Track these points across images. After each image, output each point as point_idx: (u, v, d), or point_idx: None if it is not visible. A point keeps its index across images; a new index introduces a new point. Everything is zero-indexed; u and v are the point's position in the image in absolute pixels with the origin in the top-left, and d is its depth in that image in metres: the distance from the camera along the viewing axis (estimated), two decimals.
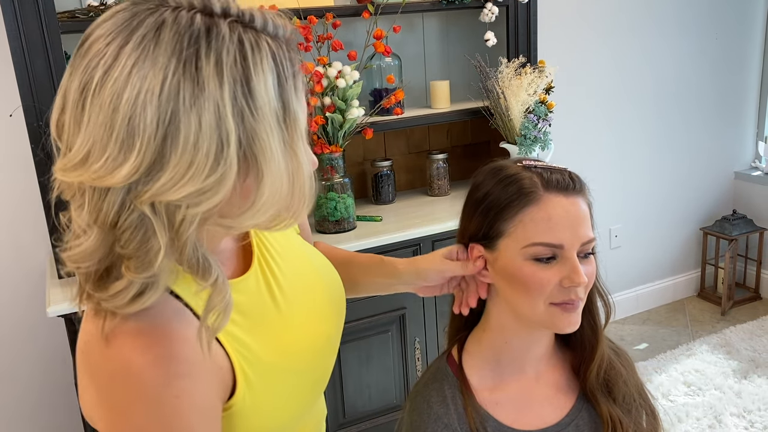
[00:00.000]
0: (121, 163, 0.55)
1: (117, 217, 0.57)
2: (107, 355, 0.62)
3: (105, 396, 0.62)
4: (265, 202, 0.60)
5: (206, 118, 0.55)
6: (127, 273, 0.58)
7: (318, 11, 2.02)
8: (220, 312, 0.61)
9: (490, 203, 0.85)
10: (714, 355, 2.81)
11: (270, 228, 0.66)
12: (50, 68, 1.68)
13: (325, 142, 2.03)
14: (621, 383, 0.91)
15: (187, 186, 0.55)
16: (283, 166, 0.60)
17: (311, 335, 0.82)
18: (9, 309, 2.09)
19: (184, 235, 0.58)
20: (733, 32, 3.19)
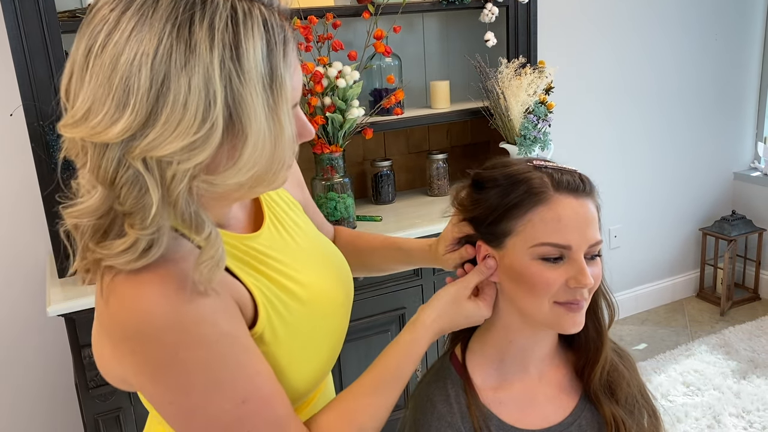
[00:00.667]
0: (117, 120, 0.59)
1: (115, 173, 0.61)
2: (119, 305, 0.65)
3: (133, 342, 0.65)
4: (247, 162, 0.63)
5: (195, 80, 0.59)
6: (131, 231, 0.62)
7: (318, 11, 2.02)
8: (212, 265, 0.65)
9: (499, 200, 0.85)
10: (713, 356, 2.82)
11: (254, 190, 0.69)
12: (50, 67, 1.68)
13: (325, 141, 2.04)
14: (624, 384, 0.92)
15: (176, 142, 0.59)
16: (265, 129, 0.63)
17: (329, 291, 0.87)
18: (8, 308, 2.09)
19: (176, 190, 0.62)
20: (732, 33, 3.20)
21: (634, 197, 3.13)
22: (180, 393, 0.68)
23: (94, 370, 1.69)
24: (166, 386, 0.68)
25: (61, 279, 1.79)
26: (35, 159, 1.71)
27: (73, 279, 1.78)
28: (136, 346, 0.66)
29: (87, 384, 1.70)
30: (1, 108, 1.93)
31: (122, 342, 0.67)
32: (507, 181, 0.85)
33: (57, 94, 1.72)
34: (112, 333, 0.68)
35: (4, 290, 2.07)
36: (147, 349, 0.66)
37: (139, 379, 0.69)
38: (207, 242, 0.65)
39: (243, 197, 0.77)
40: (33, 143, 1.70)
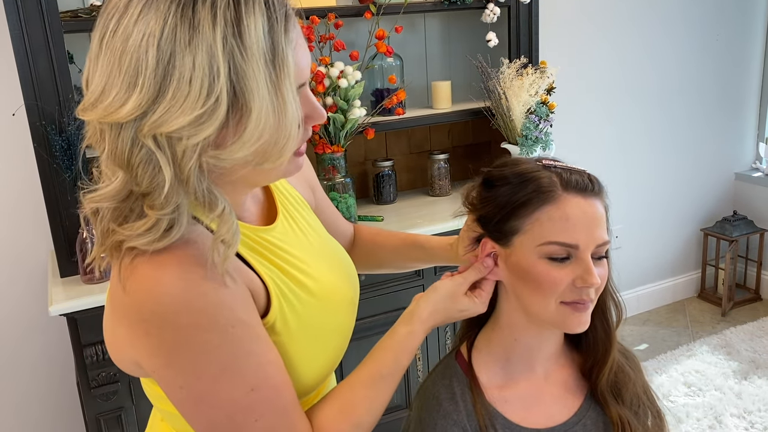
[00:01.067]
0: (127, 99, 0.62)
1: (130, 154, 0.64)
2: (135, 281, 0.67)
3: (149, 324, 0.67)
4: (251, 135, 0.65)
5: (200, 57, 0.61)
6: (151, 212, 0.65)
7: (320, 11, 2.02)
8: (227, 240, 0.68)
9: (507, 198, 0.85)
10: (714, 356, 2.81)
11: (262, 169, 0.70)
12: (53, 68, 1.68)
13: (327, 142, 2.04)
14: (630, 385, 0.92)
15: (183, 117, 0.62)
16: (268, 103, 0.64)
17: (339, 287, 0.88)
18: (10, 308, 2.09)
19: (186, 166, 0.64)
20: (734, 33, 3.20)
21: (636, 197, 3.13)
22: (191, 376, 0.69)
23: (96, 369, 1.69)
24: (178, 369, 0.69)
25: (63, 278, 1.79)
26: (37, 159, 1.71)
27: (75, 279, 1.79)
28: (151, 327, 0.67)
29: (89, 383, 1.70)
30: (4, 108, 1.93)
31: (138, 323, 0.68)
32: (516, 179, 0.85)
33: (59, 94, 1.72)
34: (128, 314, 0.69)
35: (7, 290, 2.07)
36: (162, 330, 0.67)
37: (152, 361, 0.70)
38: (221, 219, 0.68)
39: (254, 181, 0.77)
40: (35, 143, 1.70)
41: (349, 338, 0.92)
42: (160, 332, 0.67)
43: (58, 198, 1.75)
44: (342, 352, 0.90)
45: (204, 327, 0.67)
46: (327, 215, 1.07)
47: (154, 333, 0.67)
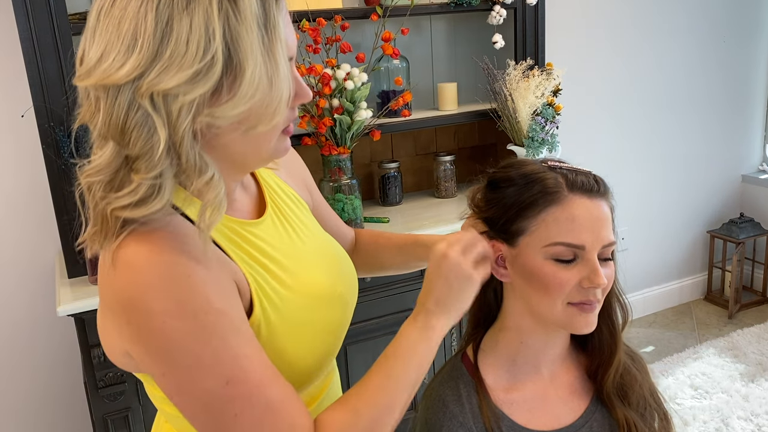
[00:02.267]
0: (126, 60, 0.65)
1: (126, 117, 0.66)
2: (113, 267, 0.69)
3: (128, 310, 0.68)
4: (245, 93, 0.68)
5: (196, 20, 0.65)
6: (136, 176, 0.67)
7: (327, 13, 2.03)
8: (214, 207, 0.70)
9: (513, 199, 0.85)
10: (721, 359, 2.81)
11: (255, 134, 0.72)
12: (61, 69, 1.69)
13: (333, 143, 2.04)
14: (636, 387, 0.92)
15: (180, 74, 0.65)
16: (261, 63, 0.68)
17: (325, 284, 0.87)
18: (18, 308, 2.10)
19: (181, 127, 0.66)
20: (741, 35, 3.19)
21: (642, 199, 3.13)
22: (169, 365, 0.69)
23: (103, 369, 1.70)
24: (156, 357, 0.69)
25: (71, 279, 1.80)
26: (45, 159, 1.72)
27: (83, 279, 1.80)
28: (131, 315, 0.68)
29: (96, 384, 1.71)
30: (13, 109, 1.94)
31: (120, 312, 0.69)
32: (521, 180, 0.85)
33: (68, 95, 1.73)
34: (112, 304, 0.70)
35: (15, 290, 2.09)
36: (139, 317, 0.68)
37: (135, 349, 0.71)
38: (209, 185, 0.70)
39: (244, 160, 0.78)
40: (43, 144, 1.71)
41: (341, 334, 0.91)
42: (137, 319, 0.68)
43: (66, 199, 1.76)
44: (334, 348, 0.89)
45: (176, 313, 0.68)
46: (326, 219, 1.07)
47: (134, 320, 0.68)
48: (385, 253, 1.10)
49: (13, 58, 1.90)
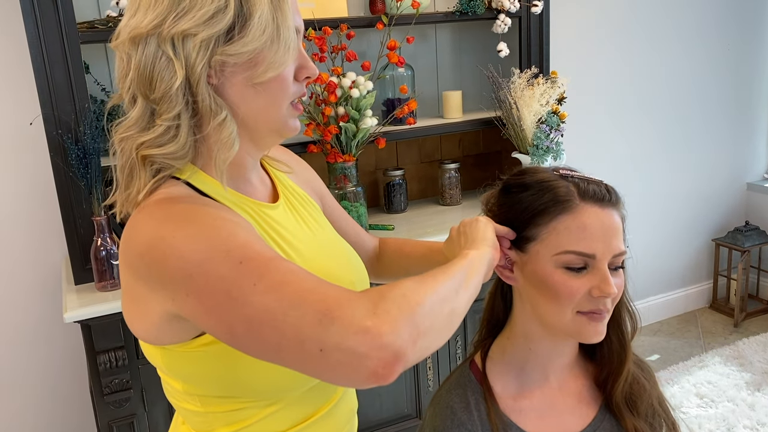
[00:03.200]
0: (148, 14, 0.75)
1: (152, 67, 0.76)
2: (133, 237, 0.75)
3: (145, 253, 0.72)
4: (255, 32, 0.76)
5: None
6: (159, 119, 0.77)
7: (333, 22, 2.04)
8: (227, 144, 0.78)
9: (524, 205, 0.86)
10: (727, 367, 2.79)
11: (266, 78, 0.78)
12: (70, 78, 1.70)
13: (339, 151, 2.05)
14: (645, 396, 0.92)
15: (196, 16, 0.74)
16: (268, 10, 0.76)
17: (336, 270, 0.89)
18: (24, 314, 2.11)
19: (198, 66, 0.75)
20: (745, 43, 3.20)
21: (647, 207, 3.12)
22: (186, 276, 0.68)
23: (110, 376, 1.70)
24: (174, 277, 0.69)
25: (77, 286, 1.81)
26: (53, 167, 1.74)
27: (89, 286, 1.80)
28: (146, 255, 0.72)
29: (102, 390, 1.71)
30: (22, 117, 1.96)
31: (139, 262, 0.73)
32: (534, 187, 0.86)
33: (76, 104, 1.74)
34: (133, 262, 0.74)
35: (21, 296, 2.10)
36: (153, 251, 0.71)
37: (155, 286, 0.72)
38: (222, 125, 0.77)
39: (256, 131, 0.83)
40: (51, 152, 1.72)
41: None
42: (151, 254, 0.71)
43: (73, 206, 1.77)
44: None
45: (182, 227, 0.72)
46: (344, 225, 1.09)
47: (148, 257, 0.72)
48: (410, 261, 1.10)
49: (22, 66, 1.92)
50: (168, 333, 0.77)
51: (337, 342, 0.62)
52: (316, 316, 0.63)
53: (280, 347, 0.65)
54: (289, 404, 0.84)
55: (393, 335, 0.62)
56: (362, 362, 0.62)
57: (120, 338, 1.70)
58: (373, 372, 0.63)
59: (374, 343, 0.62)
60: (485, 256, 0.81)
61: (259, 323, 0.65)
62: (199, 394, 0.82)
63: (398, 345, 0.63)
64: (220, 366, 0.78)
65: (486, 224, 0.86)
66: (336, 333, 0.62)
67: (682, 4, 2.99)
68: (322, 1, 2.13)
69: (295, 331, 0.64)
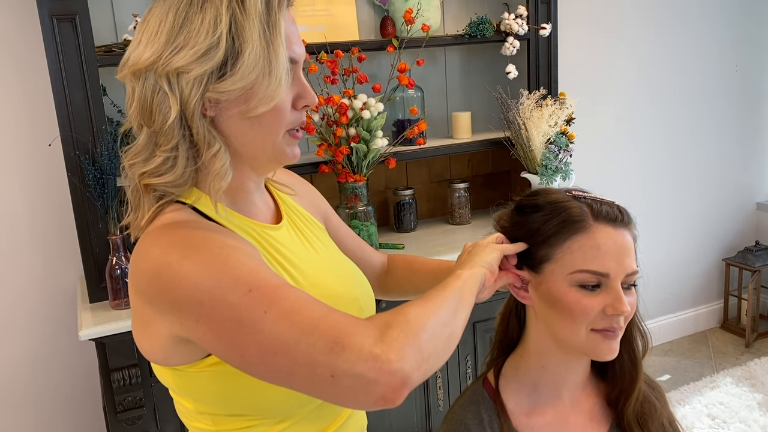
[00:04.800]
0: (147, 49, 0.78)
1: (152, 100, 0.79)
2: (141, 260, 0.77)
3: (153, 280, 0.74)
4: (245, 70, 0.77)
5: (207, 16, 0.77)
6: (159, 150, 0.80)
7: (344, 45, 2.08)
8: (220, 175, 0.80)
9: (538, 226, 0.88)
10: (738, 388, 2.77)
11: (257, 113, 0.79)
12: (88, 100, 1.75)
13: (350, 171, 2.08)
14: (655, 416, 0.92)
15: (189, 53, 0.76)
16: (259, 48, 0.78)
17: (340, 287, 0.90)
18: (39, 332, 2.13)
19: (192, 101, 0.77)
20: (753, 63, 3.22)
21: (657, 227, 3.13)
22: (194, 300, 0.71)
23: (123, 394, 1.72)
24: (183, 302, 0.72)
25: (92, 304, 1.84)
26: (70, 187, 1.77)
27: (104, 304, 1.83)
28: (155, 282, 0.74)
29: (115, 408, 1.72)
30: (41, 139, 2.00)
31: (148, 288, 0.75)
32: (548, 208, 0.88)
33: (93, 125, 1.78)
34: (142, 286, 0.76)
35: (36, 314, 2.12)
36: (162, 276, 0.73)
37: (164, 311, 0.74)
38: (216, 156, 0.80)
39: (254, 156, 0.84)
40: (69, 172, 1.76)
41: None
42: (160, 279, 0.73)
43: (90, 225, 1.80)
44: None
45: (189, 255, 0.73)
46: (349, 243, 1.10)
47: (156, 284, 0.74)
48: (419, 278, 1.12)
49: (41, 90, 1.97)
50: (176, 355, 0.79)
51: (347, 368, 0.66)
52: (327, 343, 0.67)
53: (292, 373, 0.68)
54: (298, 421, 0.85)
55: (400, 362, 0.66)
56: (372, 387, 0.66)
57: (134, 356, 1.71)
58: (382, 396, 0.66)
59: (383, 369, 0.65)
60: (477, 276, 0.84)
61: (271, 351, 0.69)
62: (210, 412, 0.84)
63: (405, 371, 0.66)
64: (229, 385, 0.80)
65: (491, 250, 0.88)
66: (347, 360, 0.66)
67: (690, 25, 3.01)
68: (333, 25, 2.17)
69: (306, 357, 0.67)
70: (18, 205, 2.05)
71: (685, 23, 3.00)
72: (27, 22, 1.94)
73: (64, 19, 1.69)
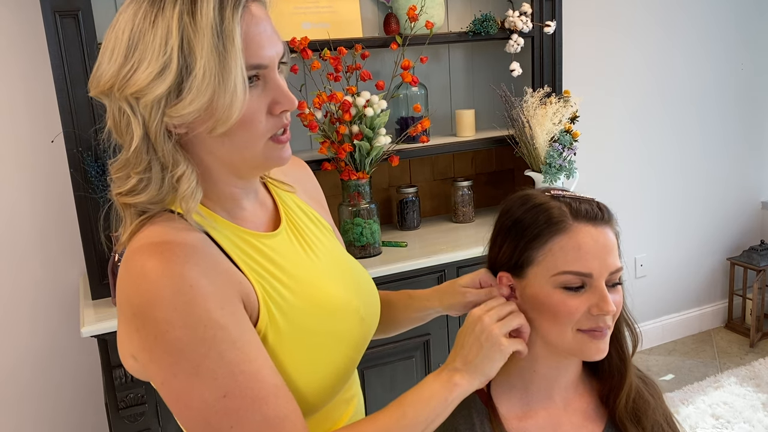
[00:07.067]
0: (105, 71, 0.76)
1: (119, 121, 0.77)
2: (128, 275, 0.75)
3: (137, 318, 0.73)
4: (198, 91, 0.73)
5: (159, 32, 0.74)
6: (132, 172, 0.78)
7: (347, 43, 2.08)
8: (187, 196, 0.78)
9: (519, 232, 0.87)
10: (743, 388, 2.76)
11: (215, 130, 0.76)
12: (90, 97, 1.74)
13: (353, 168, 2.07)
14: (649, 411, 0.92)
15: (141, 77, 0.74)
16: (212, 64, 0.73)
17: (338, 295, 0.88)
18: (41, 329, 2.14)
19: (152, 124, 0.75)
20: (758, 62, 3.20)
21: (661, 226, 3.11)
22: (168, 373, 0.72)
23: (125, 390, 1.72)
24: (159, 364, 0.73)
25: (95, 300, 1.84)
26: (73, 183, 1.77)
27: (106, 301, 1.83)
28: (139, 322, 0.73)
29: (117, 405, 1.73)
30: (44, 135, 2.00)
31: (131, 319, 0.74)
32: (526, 212, 0.87)
33: (95, 122, 1.79)
34: (124, 308, 0.75)
35: (38, 311, 2.13)
36: (146, 324, 0.72)
37: (141, 355, 0.75)
38: (181, 179, 0.78)
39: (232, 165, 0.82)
40: (71, 168, 1.76)
41: (355, 351, 0.91)
42: (144, 326, 0.72)
43: (92, 222, 1.80)
44: (349, 364, 0.89)
45: (176, 324, 0.71)
46: None
47: (141, 327, 0.73)
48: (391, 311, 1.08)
49: (44, 86, 1.97)
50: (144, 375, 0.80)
51: None
52: None
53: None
54: None
55: None
56: None
57: None
58: None
59: None
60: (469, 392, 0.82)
61: None
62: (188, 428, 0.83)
63: None
64: None
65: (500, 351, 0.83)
66: None
67: (695, 26, 3.00)
68: (337, 22, 2.16)
69: None
70: (20, 202, 2.05)
71: (690, 22, 2.98)
72: (30, 18, 1.94)
73: (67, 15, 1.69)
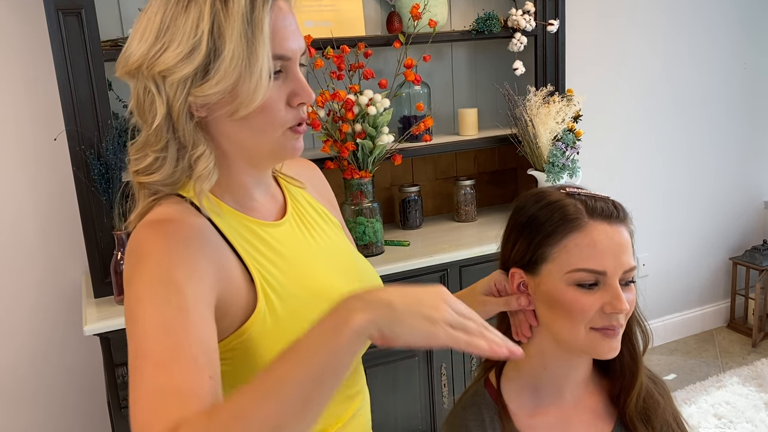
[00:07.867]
0: (136, 50, 0.79)
1: (143, 100, 0.80)
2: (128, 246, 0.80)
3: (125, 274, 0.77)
4: (225, 72, 0.77)
5: (191, 16, 0.77)
6: (150, 150, 0.82)
7: (350, 41, 2.07)
8: (204, 176, 0.81)
9: (533, 229, 0.87)
10: (745, 388, 2.76)
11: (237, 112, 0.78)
12: (93, 94, 1.74)
13: (355, 167, 2.07)
14: (659, 411, 0.92)
15: (171, 56, 0.77)
16: (240, 49, 0.76)
17: (337, 287, 0.88)
18: (43, 327, 2.14)
19: (176, 103, 0.78)
20: (761, 61, 3.19)
21: (663, 225, 3.11)
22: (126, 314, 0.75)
23: (127, 389, 1.72)
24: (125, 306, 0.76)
25: (97, 299, 1.84)
26: (76, 181, 1.77)
27: (109, 299, 1.83)
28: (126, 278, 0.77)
29: (119, 403, 1.73)
30: (47, 133, 2.00)
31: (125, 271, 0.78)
32: (541, 209, 0.87)
33: (99, 120, 1.78)
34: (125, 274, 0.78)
35: (41, 309, 2.12)
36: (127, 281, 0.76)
37: None
38: (200, 158, 0.81)
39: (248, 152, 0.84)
40: (74, 167, 1.76)
41: None
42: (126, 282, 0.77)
43: (95, 220, 1.80)
44: None
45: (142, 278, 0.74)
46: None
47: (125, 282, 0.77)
48: None
49: (47, 84, 1.97)
50: None
51: None
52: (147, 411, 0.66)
53: None
54: None
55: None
56: None
57: None
58: None
59: None
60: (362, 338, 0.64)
61: None
62: None
63: None
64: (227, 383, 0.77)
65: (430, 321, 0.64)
66: None
67: (697, 24, 2.99)
68: (340, 20, 2.16)
69: None
70: (23, 200, 2.05)
71: (693, 21, 2.98)
72: (33, 17, 1.94)
73: (70, 13, 1.69)
